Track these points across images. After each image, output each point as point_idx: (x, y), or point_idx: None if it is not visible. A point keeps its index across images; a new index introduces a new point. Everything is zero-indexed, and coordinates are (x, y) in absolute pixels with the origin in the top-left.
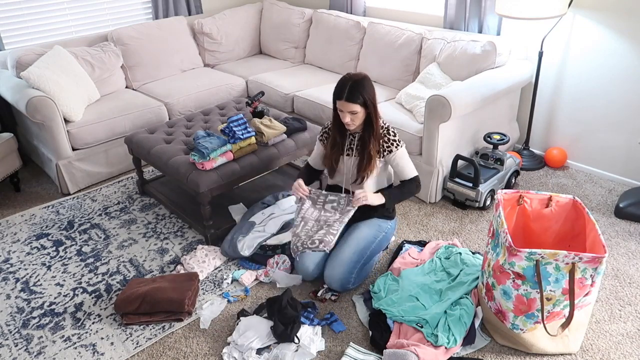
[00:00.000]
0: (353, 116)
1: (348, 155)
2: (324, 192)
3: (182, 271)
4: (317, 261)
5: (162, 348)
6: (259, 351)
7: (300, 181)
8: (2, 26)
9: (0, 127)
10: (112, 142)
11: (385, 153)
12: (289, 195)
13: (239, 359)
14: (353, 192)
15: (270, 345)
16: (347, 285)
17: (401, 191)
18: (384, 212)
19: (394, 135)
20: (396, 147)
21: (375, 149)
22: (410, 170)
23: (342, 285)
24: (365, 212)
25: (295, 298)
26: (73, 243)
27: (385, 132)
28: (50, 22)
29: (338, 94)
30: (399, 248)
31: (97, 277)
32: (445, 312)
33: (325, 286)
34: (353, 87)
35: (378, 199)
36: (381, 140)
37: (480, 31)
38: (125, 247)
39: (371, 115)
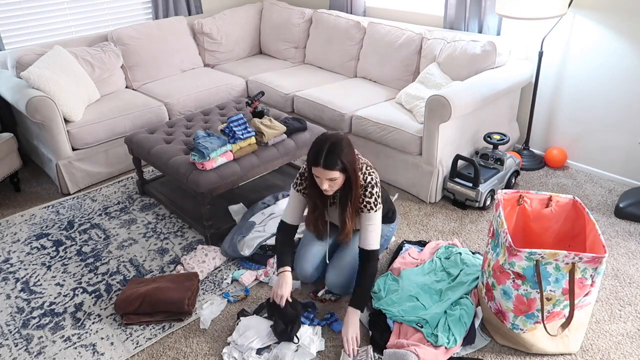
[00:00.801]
0: (332, 182)
1: (332, 206)
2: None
3: (182, 271)
4: (316, 264)
5: (162, 348)
6: (259, 351)
7: (283, 292)
8: (2, 26)
9: (0, 127)
10: (112, 142)
11: (358, 211)
12: (289, 195)
13: (239, 359)
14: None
15: (270, 345)
16: (348, 290)
17: (366, 286)
18: (384, 217)
19: (370, 197)
20: (368, 211)
21: (351, 213)
22: (372, 240)
23: (344, 291)
24: None
25: (296, 298)
26: (73, 243)
27: (362, 192)
28: (50, 22)
29: (314, 160)
30: (399, 248)
31: (97, 277)
32: (445, 312)
33: (326, 287)
34: (330, 152)
35: (356, 318)
36: (359, 200)
37: (480, 31)
38: (125, 247)
39: (351, 179)
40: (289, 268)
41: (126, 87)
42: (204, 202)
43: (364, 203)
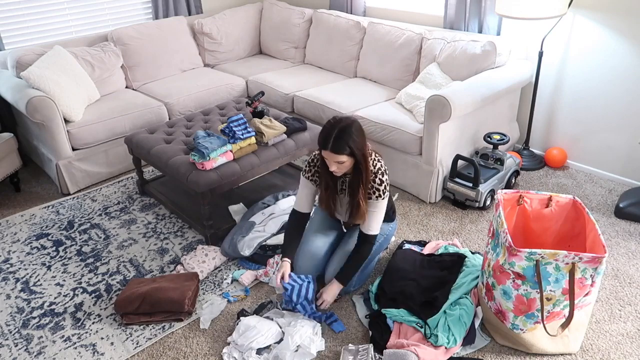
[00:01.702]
0: (340, 165)
1: (342, 193)
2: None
3: (182, 271)
4: (316, 263)
5: (162, 348)
6: (259, 351)
7: (287, 272)
8: (2, 26)
9: (0, 127)
10: (112, 142)
11: (367, 197)
12: (289, 195)
13: (239, 359)
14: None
15: (270, 345)
16: (348, 288)
17: (355, 265)
18: (385, 215)
19: (380, 184)
20: (376, 198)
21: (364, 196)
22: (374, 226)
23: (344, 289)
24: None
25: None
26: (73, 243)
27: (373, 177)
28: (50, 22)
29: (323, 144)
30: (399, 248)
31: (97, 277)
32: (445, 312)
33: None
34: (339, 136)
35: (337, 289)
36: (369, 185)
37: (480, 31)
38: (125, 247)
39: (360, 164)
40: (289, 260)
41: (126, 87)
42: (204, 202)
43: (373, 190)
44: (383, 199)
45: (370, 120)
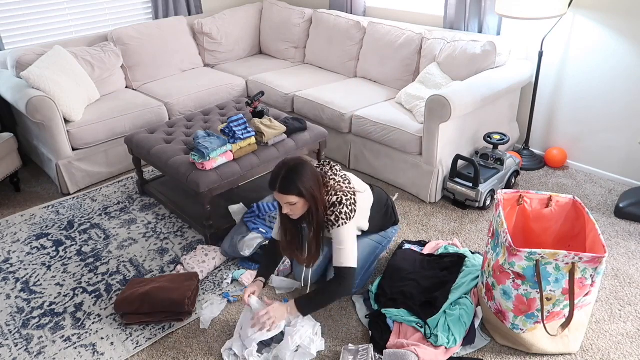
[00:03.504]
0: (292, 207)
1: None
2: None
3: (182, 271)
4: (315, 268)
5: (162, 348)
6: (259, 350)
7: (250, 290)
8: (2, 26)
9: (0, 127)
10: (112, 142)
11: (324, 231)
12: None
13: (239, 354)
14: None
15: (270, 344)
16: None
17: (322, 297)
18: (386, 223)
19: (331, 215)
20: (332, 226)
21: (317, 237)
22: (344, 258)
23: None
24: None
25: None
26: (73, 243)
27: (330, 211)
28: (50, 22)
29: (272, 185)
30: (399, 248)
31: (97, 277)
32: (445, 312)
33: None
34: (286, 177)
35: (292, 312)
36: (324, 221)
37: (480, 31)
38: (125, 247)
39: (311, 206)
40: (263, 279)
41: (126, 87)
42: (204, 202)
43: (330, 223)
44: (339, 226)
45: (370, 120)
